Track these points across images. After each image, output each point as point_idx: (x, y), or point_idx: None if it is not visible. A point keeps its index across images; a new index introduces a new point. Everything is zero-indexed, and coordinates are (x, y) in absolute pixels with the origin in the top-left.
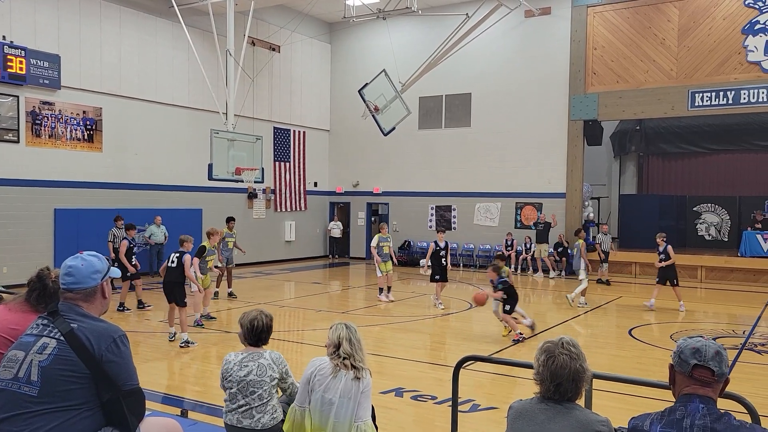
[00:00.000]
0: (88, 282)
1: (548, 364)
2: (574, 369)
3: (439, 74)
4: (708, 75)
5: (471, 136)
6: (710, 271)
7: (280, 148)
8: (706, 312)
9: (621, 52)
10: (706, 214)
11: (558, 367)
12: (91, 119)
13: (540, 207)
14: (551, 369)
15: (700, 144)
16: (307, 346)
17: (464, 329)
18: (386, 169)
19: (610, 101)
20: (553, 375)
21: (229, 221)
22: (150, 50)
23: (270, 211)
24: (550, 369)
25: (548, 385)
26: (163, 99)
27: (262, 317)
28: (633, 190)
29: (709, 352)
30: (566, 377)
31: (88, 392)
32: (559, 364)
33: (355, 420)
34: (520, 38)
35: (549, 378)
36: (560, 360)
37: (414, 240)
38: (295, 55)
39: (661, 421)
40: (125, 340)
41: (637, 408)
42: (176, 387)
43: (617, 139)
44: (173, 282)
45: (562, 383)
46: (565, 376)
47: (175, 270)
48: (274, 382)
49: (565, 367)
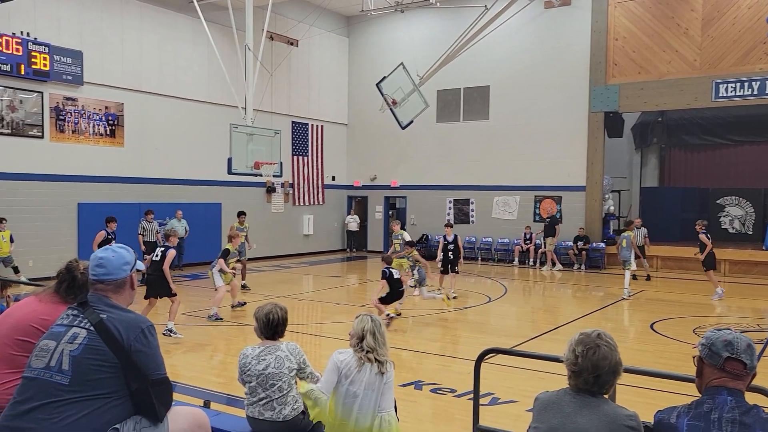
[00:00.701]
0: (119, 273)
1: (589, 355)
2: (615, 361)
3: (458, 67)
4: (732, 65)
5: (489, 129)
6: (734, 264)
7: (299, 142)
8: (729, 306)
9: (643, 43)
10: (729, 206)
11: (600, 357)
12: (113, 114)
13: (559, 200)
14: (593, 360)
15: (724, 135)
16: (325, 339)
17: (482, 323)
18: (404, 162)
19: (631, 93)
20: (594, 366)
21: (240, 215)
22: (170, 46)
23: (288, 205)
24: (591, 360)
25: (587, 377)
26: (183, 94)
27: (277, 310)
28: (654, 183)
29: (741, 345)
30: (606, 369)
31: (118, 381)
32: (601, 355)
33: (378, 411)
34: (539, 30)
35: (590, 369)
36: (602, 351)
37: (432, 233)
38: (313, 49)
39: (688, 414)
40: (153, 330)
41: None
42: (198, 378)
43: (638, 131)
44: (156, 276)
45: (601, 375)
46: (606, 367)
47: (159, 263)
48: (292, 373)
49: (606, 358)
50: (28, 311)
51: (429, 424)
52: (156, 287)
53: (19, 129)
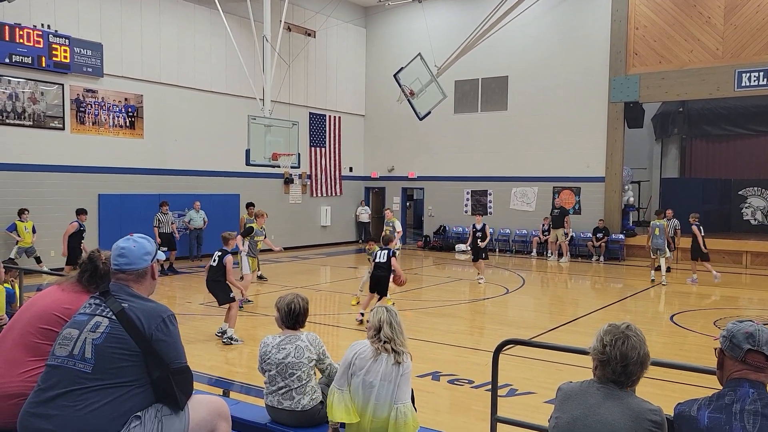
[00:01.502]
0: (140, 263)
1: (618, 345)
2: (644, 352)
3: (475, 57)
4: (756, 54)
5: (507, 120)
6: (756, 256)
7: (316, 133)
8: (751, 298)
9: (664, 32)
10: (752, 198)
11: (629, 348)
12: (132, 106)
13: (578, 191)
14: (621, 350)
15: (747, 126)
16: (343, 329)
17: (500, 314)
18: (421, 153)
19: (652, 82)
20: (623, 356)
21: (249, 207)
22: (188, 37)
23: (306, 196)
24: (620, 350)
25: (615, 366)
26: (201, 86)
27: (299, 300)
28: (675, 174)
29: (763, 337)
30: (635, 359)
31: (139, 370)
32: (630, 345)
33: (394, 402)
34: (558, 19)
35: (618, 358)
36: (631, 342)
37: (449, 225)
38: (331, 40)
39: (709, 406)
40: (174, 319)
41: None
42: (218, 368)
43: (659, 121)
44: (212, 280)
45: (629, 365)
46: (635, 358)
47: (216, 269)
48: (312, 363)
49: (636, 348)
50: (51, 300)
51: (446, 414)
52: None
53: (41, 121)
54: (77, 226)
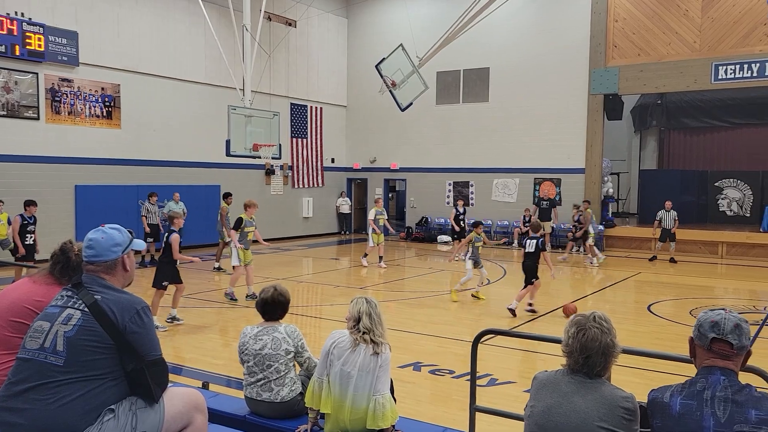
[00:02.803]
0: (109, 255)
1: (578, 337)
2: (605, 343)
3: (457, 48)
4: (732, 47)
5: (489, 111)
6: (731, 247)
7: (297, 124)
8: (726, 288)
9: (643, 24)
10: (728, 189)
11: (588, 339)
12: (109, 96)
13: (559, 182)
14: (581, 341)
15: (723, 118)
16: (325, 320)
17: (481, 305)
18: (403, 144)
19: (631, 75)
20: (583, 347)
21: (227, 197)
22: (166, 26)
23: (287, 188)
24: (580, 341)
25: (577, 357)
26: (180, 75)
27: (277, 291)
28: (653, 166)
29: (728, 326)
30: (596, 350)
31: (113, 362)
32: (589, 336)
33: (373, 393)
34: (539, 11)
35: (579, 350)
36: (591, 333)
37: (432, 216)
38: (312, 30)
39: (681, 393)
40: (148, 311)
41: (655, 383)
42: (197, 360)
43: (638, 113)
44: (159, 261)
45: (591, 356)
46: (595, 349)
47: (164, 249)
48: (289, 355)
49: (596, 340)
50: (23, 293)
51: (427, 405)
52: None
53: (15, 110)
54: (20, 220)
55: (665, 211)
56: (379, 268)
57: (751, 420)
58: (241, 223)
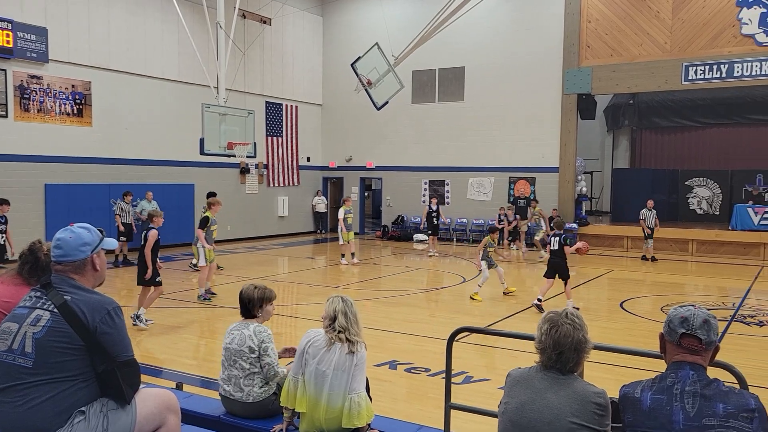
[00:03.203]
0: (77, 254)
1: (551, 333)
2: (577, 339)
3: (433, 48)
4: (702, 48)
5: (464, 111)
6: (701, 244)
7: (273, 122)
8: (697, 285)
9: (615, 25)
10: (698, 188)
11: (561, 336)
12: (80, 93)
13: (533, 181)
14: (554, 338)
15: (693, 118)
16: (301, 320)
17: (457, 303)
18: (379, 143)
19: (603, 75)
20: (555, 344)
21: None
22: (139, 23)
23: (263, 186)
24: (553, 338)
25: (550, 354)
26: (153, 73)
27: (253, 289)
28: (626, 165)
29: (696, 321)
30: (568, 346)
31: (83, 363)
32: (562, 333)
33: (348, 392)
34: (513, 11)
35: (551, 346)
36: (564, 329)
37: (408, 215)
38: (287, 28)
39: (651, 388)
40: (119, 311)
41: (626, 378)
42: (171, 361)
43: (610, 113)
44: (139, 258)
45: (564, 352)
46: (568, 345)
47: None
48: (254, 354)
49: (568, 336)
50: None
51: (403, 403)
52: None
53: None
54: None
55: (647, 209)
56: (353, 266)
57: (719, 414)
58: (208, 222)
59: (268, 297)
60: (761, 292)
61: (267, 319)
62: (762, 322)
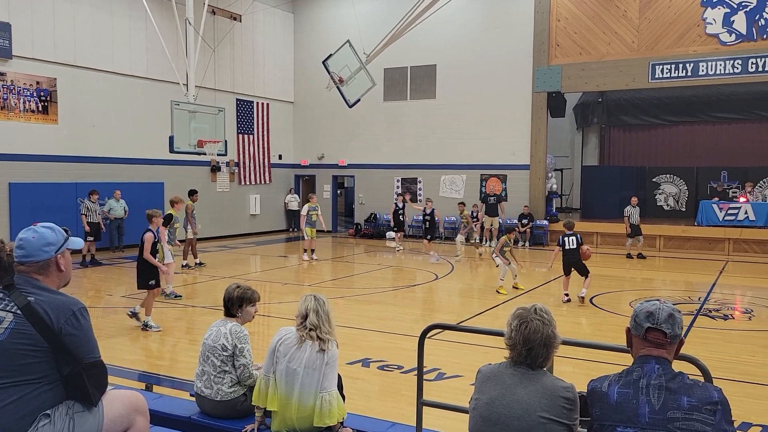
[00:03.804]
0: (40, 255)
1: (521, 329)
2: (546, 334)
3: (404, 45)
4: (668, 47)
5: (436, 108)
6: (668, 240)
7: (244, 120)
8: (664, 280)
9: (584, 24)
10: (664, 184)
11: (531, 332)
12: (45, 90)
13: (505, 179)
14: (524, 334)
15: (660, 116)
16: (273, 318)
17: (430, 300)
18: (352, 141)
19: (573, 73)
20: (525, 340)
21: (193, 194)
22: (105, 18)
23: (234, 185)
24: (523, 334)
25: (520, 350)
26: (120, 69)
27: (233, 289)
28: (595, 162)
29: (662, 315)
30: (538, 342)
31: (48, 366)
32: (531, 329)
33: (320, 390)
34: (484, 9)
35: (521, 342)
36: (533, 325)
37: (380, 212)
38: (257, 24)
39: (618, 382)
40: (85, 312)
41: (595, 372)
42: (140, 362)
43: (580, 111)
44: (138, 260)
45: (533, 348)
46: (538, 340)
47: (139, 248)
48: (227, 353)
49: (538, 332)
50: None
51: (376, 400)
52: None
53: None
54: None
55: (632, 206)
56: (309, 263)
57: (684, 406)
58: (171, 219)
59: (249, 298)
60: (726, 286)
61: (248, 320)
62: (727, 316)
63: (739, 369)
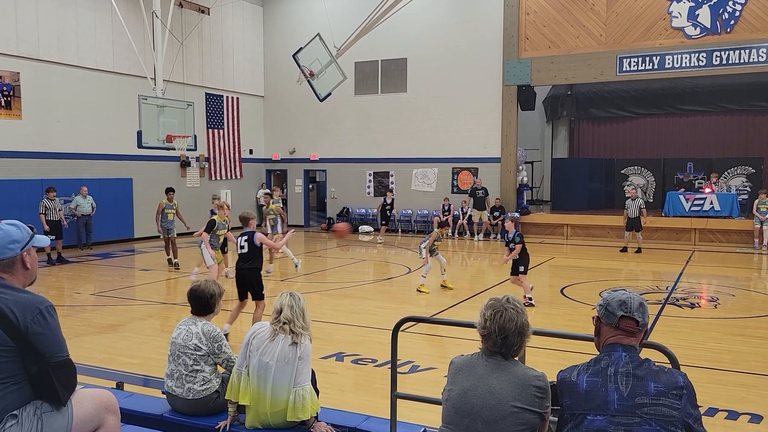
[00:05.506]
0: (5, 252)
1: (496, 318)
2: (521, 323)
3: (375, 39)
4: (635, 40)
5: (407, 102)
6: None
7: (213, 114)
8: (632, 270)
9: (553, 17)
10: (633, 176)
11: (506, 320)
12: (7, 84)
13: (476, 172)
14: (499, 323)
15: (628, 108)
16: (246, 314)
17: (403, 293)
18: (323, 135)
19: (542, 66)
20: (501, 328)
21: (169, 192)
22: (69, 11)
23: (204, 180)
24: (498, 322)
25: (495, 339)
26: (86, 63)
27: (210, 284)
28: (565, 154)
29: (634, 304)
30: (513, 330)
31: (15, 365)
32: (507, 317)
33: (293, 385)
34: (454, 2)
35: (497, 331)
36: (508, 314)
37: (352, 206)
38: (226, 18)
39: (587, 371)
40: (52, 311)
41: (568, 362)
42: (110, 360)
43: (549, 104)
44: (246, 269)
45: (508, 336)
46: (512, 329)
47: (249, 254)
48: (200, 352)
49: (512, 320)
50: None
51: (350, 394)
52: (246, 284)
53: None
54: None
55: (631, 199)
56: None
57: (650, 392)
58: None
59: (221, 292)
60: (692, 275)
61: (217, 314)
62: (693, 304)
63: (705, 356)
